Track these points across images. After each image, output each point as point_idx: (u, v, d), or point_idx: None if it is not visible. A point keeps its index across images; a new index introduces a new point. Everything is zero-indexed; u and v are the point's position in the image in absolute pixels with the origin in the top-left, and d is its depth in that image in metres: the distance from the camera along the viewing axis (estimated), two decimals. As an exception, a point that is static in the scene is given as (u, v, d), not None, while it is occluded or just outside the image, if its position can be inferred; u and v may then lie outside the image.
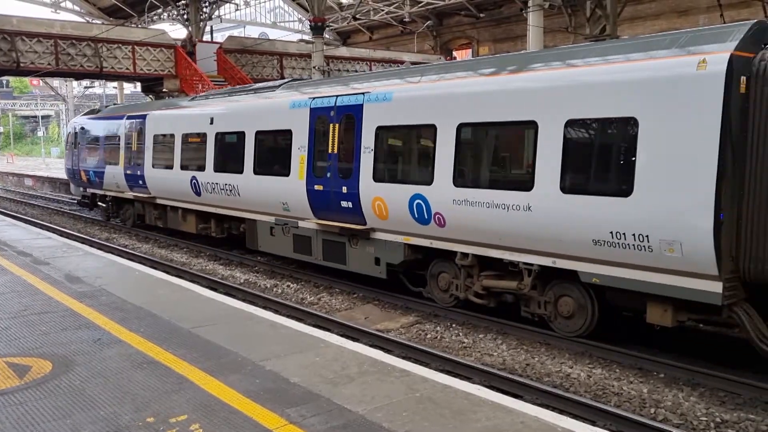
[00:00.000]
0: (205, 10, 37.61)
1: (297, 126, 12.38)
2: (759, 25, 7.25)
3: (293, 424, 4.79)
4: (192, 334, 7.06)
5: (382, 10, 39.06)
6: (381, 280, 11.24)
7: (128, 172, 18.94)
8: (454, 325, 10.02)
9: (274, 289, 12.69)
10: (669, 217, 7.26)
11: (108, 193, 21.15)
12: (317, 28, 32.19)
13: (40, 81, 60.96)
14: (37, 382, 5.68)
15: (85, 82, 54.93)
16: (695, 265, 7.19)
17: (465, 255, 9.80)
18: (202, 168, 15.28)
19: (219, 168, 14.71)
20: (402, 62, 37.00)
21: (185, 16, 37.96)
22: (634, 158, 7.55)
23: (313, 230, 12.43)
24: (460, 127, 9.48)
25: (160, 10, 41.63)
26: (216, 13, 39.72)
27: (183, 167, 16.13)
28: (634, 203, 7.53)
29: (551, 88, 8.46)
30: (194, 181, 15.63)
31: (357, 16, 36.93)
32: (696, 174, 7.07)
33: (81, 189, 23.49)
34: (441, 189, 9.66)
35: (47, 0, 44.66)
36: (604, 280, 8.13)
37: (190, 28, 35.93)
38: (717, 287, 7.13)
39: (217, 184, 14.78)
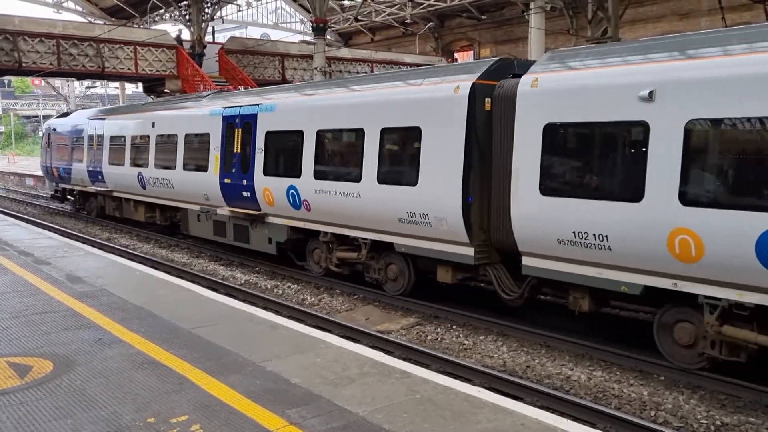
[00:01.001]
0: (207, 10, 37.63)
1: (213, 130, 15.01)
2: (501, 61, 10.07)
3: (294, 425, 4.80)
4: (193, 335, 7.07)
5: (384, 12, 39.07)
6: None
7: (90, 168, 21.63)
8: (454, 327, 10.02)
9: (275, 290, 12.70)
10: (438, 200, 9.86)
11: (75, 188, 24.00)
12: (319, 29, 32.19)
13: (42, 81, 61.04)
14: (38, 381, 5.68)
15: (87, 83, 54.94)
16: (455, 235, 9.76)
17: (325, 233, 12.37)
18: (146, 165, 17.94)
19: (158, 165, 17.31)
20: (404, 64, 37.07)
21: (187, 17, 37.97)
22: (419, 157, 10.17)
23: (227, 216, 14.92)
24: (318, 132, 12.08)
25: (162, 11, 41.64)
26: (218, 13, 39.75)
27: (132, 164, 18.76)
28: (419, 190, 10.14)
29: (375, 102, 11.08)
30: (140, 176, 18.28)
31: (359, 18, 36.98)
32: (451, 168, 9.65)
33: (54, 184, 26.65)
34: (306, 181, 12.26)
35: (49, 0, 44.71)
36: (408, 249, 10.76)
37: (191, 29, 35.97)
38: (470, 251, 9.72)
39: (157, 178, 17.43)
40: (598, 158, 8.33)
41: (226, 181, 14.42)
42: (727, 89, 6.91)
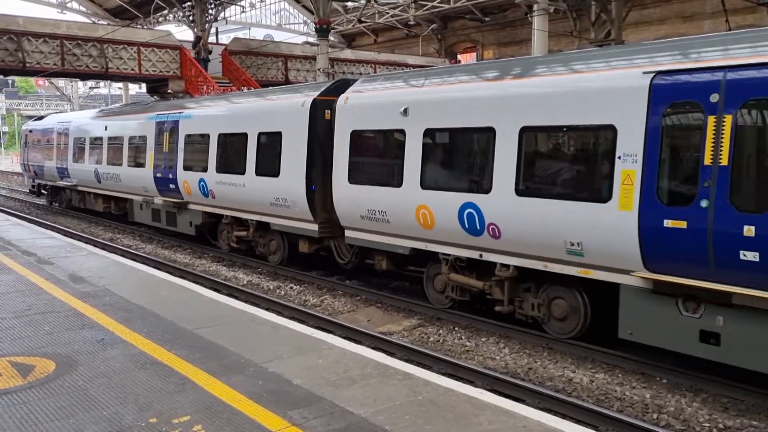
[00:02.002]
0: (210, 11, 37.68)
1: (149, 133, 18.05)
2: (342, 81, 12.82)
3: (295, 425, 4.80)
4: (195, 335, 7.07)
5: (387, 13, 39.08)
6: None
7: (58, 166, 24.82)
8: (456, 329, 10.01)
9: (277, 291, 12.70)
10: (292, 188, 12.65)
11: (48, 183, 27.24)
12: (322, 31, 32.20)
13: (46, 81, 61.19)
14: (40, 381, 5.69)
15: (91, 83, 55.03)
16: (304, 214, 12.67)
17: (227, 217, 15.29)
18: (100, 162, 21.09)
19: (109, 162, 20.45)
20: (407, 65, 37.07)
21: (191, 18, 38.03)
22: (280, 155, 12.96)
23: (161, 204, 17.81)
24: (220, 135, 14.96)
25: (165, 12, 41.72)
26: (221, 14, 39.79)
27: (90, 161, 21.88)
28: (280, 181, 12.98)
29: (253, 112, 14.17)
30: (96, 172, 21.38)
31: (362, 19, 36.99)
32: (299, 163, 12.51)
33: (31, 180, 29.86)
34: (211, 174, 15.14)
35: (53, 0, 44.82)
36: (279, 227, 13.60)
37: (195, 30, 36.00)
38: (315, 228, 12.56)
39: (109, 174, 20.53)
40: (380, 156, 11.26)
41: (158, 175, 17.50)
42: (441, 108, 9.93)
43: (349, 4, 40.57)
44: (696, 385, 7.63)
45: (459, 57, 40.69)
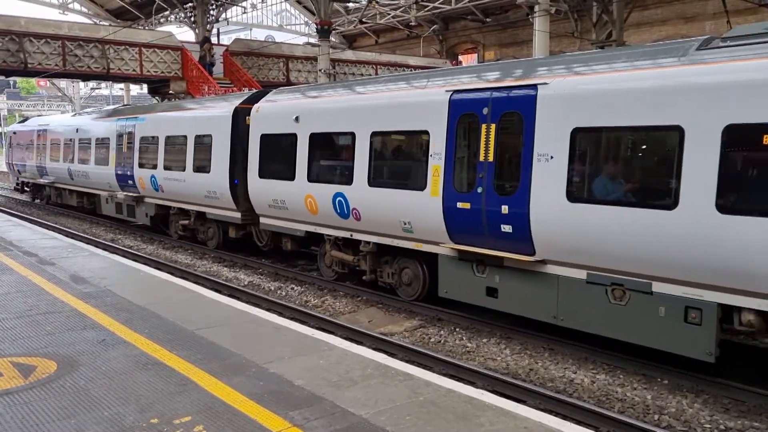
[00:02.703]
0: (212, 12, 37.70)
1: (112, 135, 20.38)
2: (260, 92, 15.10)
3: (297, 426, 4.80)
4: (196, 336, 7.08)
5: (389, 14, 39.11)
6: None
7: (38, 165, 27.32)
8: (457, 329, 10.01)
9: (278, 292, 12.71)
10: (219, 182, 15.03)
11: (30, 181, 29.81)
12: (323, 32, 32.22)
13: (48, 82, 61.21)
14: (41, 382, 5.70)
15: (92, 84, 55.09)
16: (229, 204, 14.97)
17: (173, 208, 17.76)
18: (72, 161, 23.35)
19: (80, 161, 22.70)
20: (408, 66, 37.09)
21: (192, 19, 38.06)
22: (211, 154, 15.25)
23: (122, 198, 19.92)
24: (166, 137, 17.31)
25: (167, 12, 41.75)
26: (223, 15, 39.81)
27: (64, 160, 24.19)
28: (211, 176, 15.28)
29: (191, 118, 16.59)
30: (69, 169, 23.71)
31: (363, 20, 37.00)
32: (224, 161, 14.82)
33: (16, 178, 32.50)
34: (160, 171, 17.50)
35: (55, 1, 44.86)
36: (213, 216, 16.02)
37: (201, 30, 36.01)
38: (238, 215, 14.88)
39: (79, 171, 22.89)
40: (280, 156, 13.08)
41: (119, 172, 19.82)
42: (321, 116, 12.16)
43: (351, 5, 40.59)
44: (697, 386, 7.63)
45: (460, 58, 40.70)
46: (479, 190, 9.17)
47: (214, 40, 36.78)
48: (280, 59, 35.37)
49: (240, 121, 14.46)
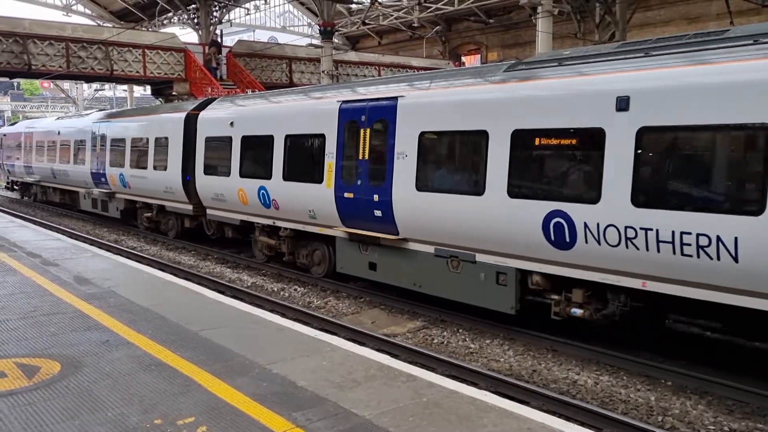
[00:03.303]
0: (215, 14, 37.77)
1: (88, 137, 22.33)
2: (208, 100, 17.37)
3: (300, 427, 4.81)
4: (199, 337, 7.09)
5: (392, 15, 39.14)
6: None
7: (25, 165, 29.40)
8: (460, 331, 10.01)
9: (281, 293, 12.72)
10: (174, 179, 17.04)
11: (19, 180, 32.18)
12: (326, 33, 32.27)
13: (51, 83, 61.32)
14: (45, 382, 5.71)
15: (96, 85, 55.19)
16: (182, 198, 17.00)
17: (139, 202, 19.98)
18: (54, 161, 25.49)
19: (60, 161, 24.81)
20: (411, 67, 37.09)
21: (195, 20, 38.14)
22: (167, 154, 17.26)
23: (97, 194, 22.02)
24: (132, 139, 19.37)
25: (170, 14, 41.84)
26: (226, 17, 39.88)
27: (47, 160, 26.35)
28: (168, 173, 17.27)
29: (150, 122, 18.79)
30: (52, 169, 25.72)
31: (366, 21, 37.01)
32: (177, 161, 16.82)
33: (6, 177, 34.88)
34: (127, 170, 19.48)
35: (59, 3, 44.98)
36: (171, 208, 18.11)
37: (200, 32, 36.04)
38: (190, 208, 16.89)
39: (60, 170, 24.87)
40: (220, 155, 15.08)
41: (93, 171, 21.73)
42: (250, 121, 14.28)
43: (354, 6, 40.62)
44: (701, 387, 7.61)
45: (463, 59, 40.69)
46: (359, 182, 11.30)
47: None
48: (283, 60, 35.42)
49: (191, 125, 16.40)
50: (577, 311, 8.65)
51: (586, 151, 8.18)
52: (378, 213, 10.93)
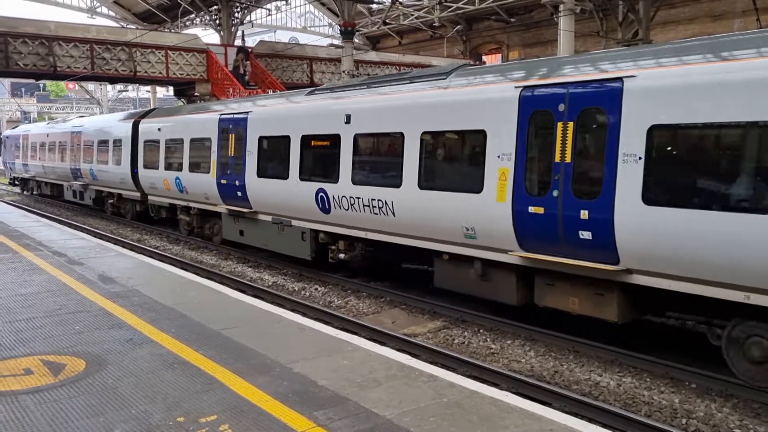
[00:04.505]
0: (236, 15, 38.01)
1: (68, 139, 26.71)
2: (148, 110, 22.65)
3: (321, 426, 4.82)
4: (221, 336, 7.14)
5: (412, 15, 39.08)
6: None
7: (23, 162, 34.20)
8: (481, 331, 9.97)
9: (302, 292, 12.77)
10: (126, 172, 21.00)
11: (18, 176, 37.15)
12: (347, 33, 32.32)
13: (76, 85, 62.17)
14: (71, 380, 5.79)
15: (119, 86, 55.89)
16: (133, 188, 21.19)
17: (104, 191, 24.27)
18: (44, 159, 30.10)
19: (49, 159, 29.33)
20: (431, 66, 36.97)
21: (217, 22, 38.42)
22: (122, 152, 21.16)
23: (77, 186, 26.46)
24: (98, 141, 23.30)
25: (192, 16, 42.20)
26: (247, 18, 40.11)
27: (39, 159, 31.02)
28: (121, 168, 21.28)
29: (110, 127, 22.85)
30: (43, 165, 30.41)
31: (387, 21, 37.00)
32: (127, 158, 20.85)
33: (10, 174, 40.36)
34: (95, 165, 23.58)
35: (84, 6, 45.59)
36: (126, 196, 22.22)
37: (221, 33, 36.27)
38: (138, 195, 21.02)
39: (49, 167, 29.47)
40: (153, 155, 19.13)
41: (72, 167, 26.25)
42: (173, 128, 18.51)
43: (374, 6, 40.64)
44: (726, 390, 7.51)
45: (484, 58, 40.50)
46: (229, 171, 15.32)
47: (238, 42, 37.06)
48: (304, 61, 35.55)
49: (136, 130, 20.71)
50: (341, 255, 12.71)
51: (334, 149, 12.10)
52: (239, 194, 15.05)
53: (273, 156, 13.99)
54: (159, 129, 18.94)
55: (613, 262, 7.96)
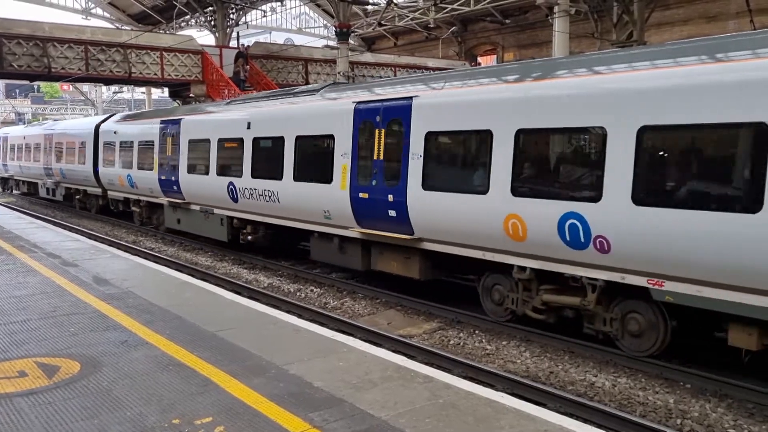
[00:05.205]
0: (232, 16, 37.98)
1: (41, 141, 29.64)
2: (108, 116, 25.01)
3: (316, 428, 4.82)
4: (217, 337, 7.13)
5: (407, 16, 39.09)
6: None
7: (2, 163, 37.25)
8: (477, 332, 9.98)
9: (298, 294, 12.76)
10: (89, 170, 23.93)
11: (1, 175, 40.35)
12: (342, 34, 32.31)
13: (71, 86, 62.00)
14: (65, 382, 5.77)
15: (114, 87, 55.75)
16: (95, 184, 24.11)
17: (72, 188, 26.88)
18: (21, 159, 32.91)
19: (25, 159, 32.16)
20: (427, 68, 37.02)
21: (212, 23, 38.38)
22: (86, 152, 24.11)
23: (49, 184, 29.00)
24: (65, 142, 26.17)
25: (187, 17, 42.14)
26: (243, 19, 40.06)
27: (17, 159, 33.70)
28: (86, 167, 24.24)
29: (80, 130, 25.72)
30: (20, 165, 33.28)
31: (382, 22, 37.02)
32: (90, 158, 23.80)
33: None
34: (64, 165, 26.34)
35: (78, 7, 45.48)
36: (90, 191, 25.25)
37: (216, 34, 36.23)
38: (100, 191, 24.02)
39: (25, 166, 32.40)
40: (110, 155, 21.66)
41: (44, 167, 29.02)
42: (126, 132, 21.38)
43: (369, 7, 40.65)
44: (721, 390, 7.53)
45: (479, 59, 40.56)
46: (167, 169, 18.11)
47: (233, 43, 37.01)
48: (300, 62, 35.51)
49: (101, 133, 23.22)
50: (249, 237, 15.36)
51: (239, 149, 14.81)
52: (175, 188, 17.70)
53: (198, 156, 16.57)
54: (115, 132, 21.93)
55: (410, 234, 10.69)
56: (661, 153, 7.61)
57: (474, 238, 9.57)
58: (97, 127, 23.48)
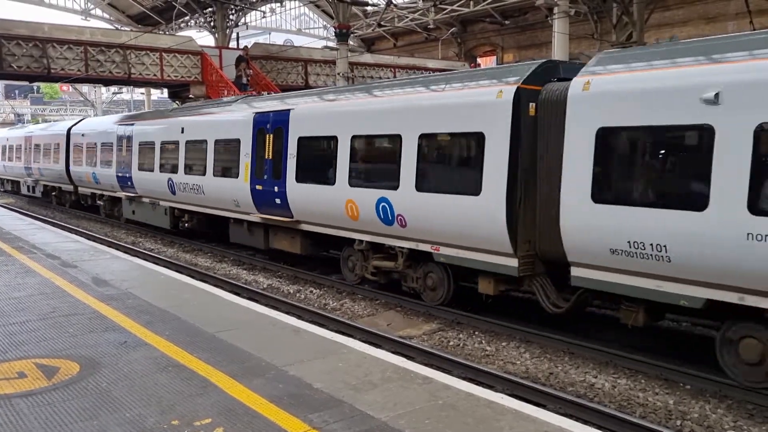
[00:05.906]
0: (231, 17, 37.99)
1: (23, 143, 31.93)
2: (80, 119, 30.27)
3: (316, 429, 4.81)
4: (216, 338, 7.12)
5: (407, 17, 39.11)
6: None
7: None
8: (476, 333, 9.97)
9: (297, 295, 12.75)
10: (61, 169, 26.79)
11: None
12: (342, 35, 32.34)
13: (70, 87, 61.96)
14: (64, 383, 5.77)
15: (114, 88, 55.73)
16: (67, 181, 27.02)
17: (49, 185, 29.62)
18: (4, 159, 35.67)
19: (8, 159, 34.79)
20: (426, 69, 37.05)
21: (212, 24, 38.39)
22: (59, 154, 26.96)
23: (30, 182, 31.24)
24: (43, 144, 28.83)
25: (187, 18, 42.14)
26: (242, 20, 40.08)
27: (8, 160, 35.11)
28: (59, 166, 26.80)
29: (53, 131, 28.92)
30: (3, 165, 35.97)
31: (382, 23, 37.04)
32: (63, 158, 26.53)
33: None
34: (41, 164, 29.09)
35: (78, 8, 45.47)
36: (64, 188, 27.74)
37: (216, 35, 36.22)
38: (72, 187, 26.90)
39: (8, 166, 34.94)
40: (78, 153, 25.13)
41: (25, 166, 31.37)
42: (89, 135, 24.50)
43: (369, 8, 40.65)
44: (720, 391, 7.53)
45: (479, 60, 40.57)
46: (123, 167, 20.43)
47: (232, 44, 37.02)
48: (299, 63, 35.52)
49: (70, 135, 25.76)
50: (187, 224, 17.96)
51: (176, 151, 17.63)
52: (129, 183, 20.32)
53: (147, 155, 19.32)
54: (83, 135, 24.50)
55: (291, 217, 13.44)
56: (433, 153, 10.44)
57: (330, 219, 12.30)
58: (68, 130, 26.16)
